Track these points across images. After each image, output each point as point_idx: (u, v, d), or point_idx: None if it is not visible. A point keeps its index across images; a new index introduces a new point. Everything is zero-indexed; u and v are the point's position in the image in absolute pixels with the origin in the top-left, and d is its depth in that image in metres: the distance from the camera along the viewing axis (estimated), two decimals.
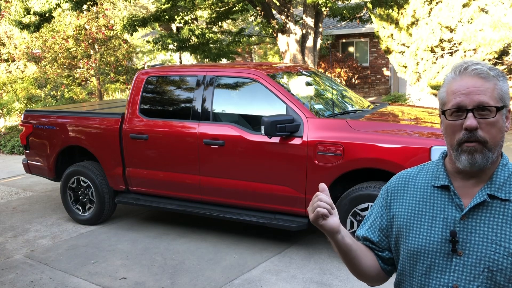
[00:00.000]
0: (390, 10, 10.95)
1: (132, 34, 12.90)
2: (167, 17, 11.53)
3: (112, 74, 15.15)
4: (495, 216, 1.23)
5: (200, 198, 4.69)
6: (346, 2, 11.55)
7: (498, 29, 9.19)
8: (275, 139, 4.17)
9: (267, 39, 17.01)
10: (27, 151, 5.81)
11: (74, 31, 14.42)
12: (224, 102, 4.71)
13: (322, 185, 1.31)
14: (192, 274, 4.04)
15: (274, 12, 11.06)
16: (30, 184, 7.44)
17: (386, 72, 17.73)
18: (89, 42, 14.65)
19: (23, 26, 9.31)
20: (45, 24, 10.01)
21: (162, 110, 4.96)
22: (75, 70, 15.39)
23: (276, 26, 10.73)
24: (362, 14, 12.53)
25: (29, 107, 13.56)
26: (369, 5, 10.88)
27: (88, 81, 16.80)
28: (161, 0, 12.07)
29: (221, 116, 4.63)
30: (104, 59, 14.77)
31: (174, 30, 15.40)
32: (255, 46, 20.02)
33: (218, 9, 12.48)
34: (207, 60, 12.93)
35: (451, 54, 10.38)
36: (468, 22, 9.77)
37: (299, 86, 4.80)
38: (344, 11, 12.15)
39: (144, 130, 4.84)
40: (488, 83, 1.22)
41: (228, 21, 19.22)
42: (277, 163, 4.21)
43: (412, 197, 1.36)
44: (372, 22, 12.20)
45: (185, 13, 11.92)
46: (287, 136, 4.12)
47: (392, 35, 11.33)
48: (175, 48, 12.34)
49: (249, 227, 5.01)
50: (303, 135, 4.08)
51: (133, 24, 11.29)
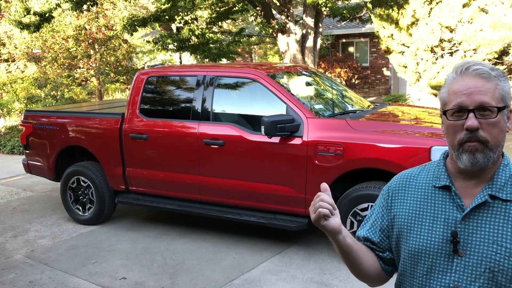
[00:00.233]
0: (390, 10, 10.95)
1: (132, 34, 12.90)
2: (167, 17, 11.53)
3: (112, 74, 15.15)
4: (496, 217, 1.22)
5: (200, 198, 4.69)
6: (346, 2, 11.55)
7: (498, 29, 9.19)
8: (275, 139, 4.17)
9: (267, 39, 17.01)
10: (27, 151, 5.81)
11: (74, 31, 14.41)
12: (224, 102, 4.71)
13: (324, 185, 1.31)
14: (192, 274, 4.04)
15: (274, 12, 11.05)
16: (30, 184, 7.44)
17: (386, 72, 17.73)
18: (89, 42, 14.64)
19: (23, 26, 9.31)
20: (45, 24, 10.01)
21: (162, 110, 4.95)
22: (75, 70, 15.39)
23: (276, 26, 10.73)
24: (362, 14, 12.53)
25: (29, 107, 13.56)
26: (369, 5, 10.88)
27: (88, 81, 16.80)
28: (161, 0, 12.07)
29: (221, 116, 4.63)
30: (104, 59, 14.77)
31: (174, 30, 15.39)
32: (255, 46, 20.02)
33: (218, 9, 12.48)
34: (207, 60, 12.93)
35: (451, 54, 10.38)
36: (468, 22, 9.77)
37: (299, 86, 4.80)
38: (344, 11, 12.15)
39: (144, 130, 4.84)
40: (490, 83, 1.22)
41: (228, 21, 19.22)
42: (277, 163, 4.21)
43: (413, 198, 1.36)
44: (372, 22, 12.20)
45: (185, 13, 11.92)
46: (287, 136, 4.12)
47: (392, 35, 11.33)
48: (175, 48, 12.34)
49: (249, 227, 5.00)
50: (303, 135, 4.08)
51: (133, 24, 11.29)
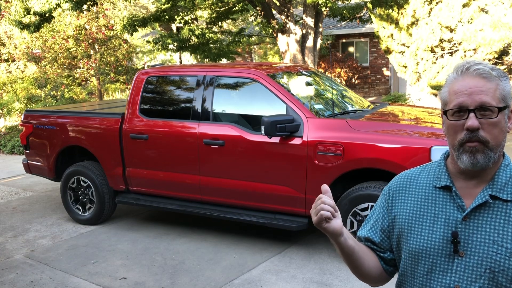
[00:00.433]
0: (390, 10, 10.95)
1: (132, 34, 12.90)
2: (167, 17, 11.52)
3: (112, 74, 15.15)
4: (497, 217, 1.22)
5: (200, 198, 4.69)
6: (346, 2, 11.55)
7: (498, 29, 9.19)
8: (275, 139, 4.17)
9: (267, 39, 17.01)
10: (27, 151, 5.81)
11: (74, 31, 14.41)
12: (224, 102, 4.71)
13: (325, 187, 1.30)
14: (192, 274, 4.04)
15: (274, 12, 11.05)
16: (30, 184, 7.43)
17: (386, 72, 17.73)
18: (89, 42, 14.64)
19: (23, 26, 9.31)
20: (45, 24, 10.01)
21: (162, 110, 4.95)
22: (75, 70, 15.38)
23: (276, 26, 10.73)
24: (362, 14, 12.53)
25: (29, 107, 13.57)
26: (369, 5, 10.88)
27: (88, 81, 16.80)
28: (161, 0, 12.07)
29: (221, 116, 4.62)
30: (104, 59, 14.77)
31: (174, 30, 15.39)
32: (255, 46, 20.02)
33: (218, 9, 12.47)
34: (207, 60, 12.93)
35: (451, 54, 10.38)
36: (468, 22, 9.77)
37: (299, 86, 4.80)
38: (344, 11, 12.14)
39: (144, 130, 4.84)
40: (490, 83, 1.21)
41: (228, 21, 19.22)
42: (277, 163, 4.21)
43: (414, 198, 1.36)
44: (372, 22, 12.19)
45: (185, 13, 11.92)
46: (287, 136, 4.12)
47: (392, 35, 11.33)
48: (175, 48, 12.34)
49: (249, 227, 5.00)
50: (303, 135, 4.07)
51: (133, 24, 11.28)
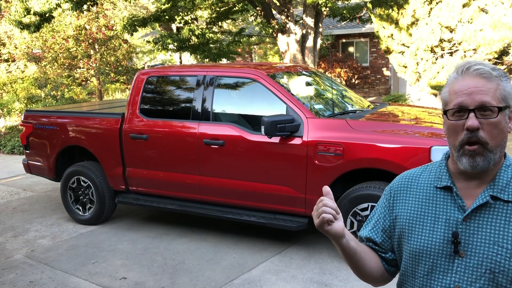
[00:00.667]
0: (390, 10, 10.95)
1: (132, 34, 12.89)
2: (167, 17, 11.52)
3: (112, 74, 15.15)
4: (498, 218, 1.22)
5: (200, 198, 4.69)
6: (346, 2, 11.54)
7: (498, 29, 9.19)
8: (275, 139, 4.17)
9: (267, 39, 17.00)
10: (27, 151, 5.81)
11: (74, 31, 14.41)
12: (224, 102, 4.71)
13: (326, 189, 1.30)
14: (192, 274, 4.04)
15: (274, 12, 11.05)
16: (30, 184, 7.43)
17: (386, 72, 17.73)
18: (89, 42, 14.64)
19: (23, 26, 9.31)
20: (45, 24, 10.00)
21: (162, 110, 4.95)
22: (75, 70, 15.38)
23: (276, 26, 10.73)
24: (362, 14, 12.52)
25: (29, 107, 13.57)
26: (369, 5, 10.88)
27: (88, 81, 16.80)
28: (161, 0, 12.07)
29: (221, 116, 4.62)
30: (104, 59, 14.77)
31: (174, 30, 15.39)
32: (255, 46, 20.02)
33: (218, 9, 12.47)
34: (207, 60, 12.92)
35: (451, 54, 10.38)
36: (468, 22, 9.77)
37: (299, 86, 4.80)
38: (344, 11, 12.14)
39: (144, 130, 4.84)
40: (491, 83, 1.21)
41: (228, 21, 19.22)
42: (277, 163, 4.21)
43: (415, 198, 1.36)
44: (372, 22, 12.20)
45: (185, 13, 11.92)
46: (287, 136, 4.12)
47: (392, 35, 11.33)
48: (175, 48, 12.33)
49: (249, 227, 5.00)
50: (303, 135, 4.07)
51: (133, 24, 11.28)
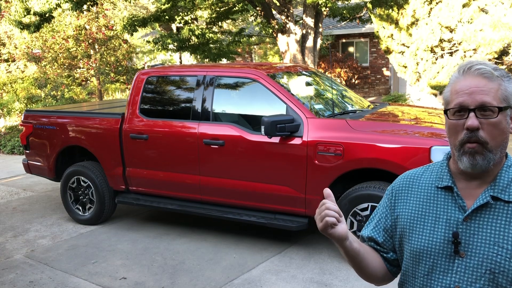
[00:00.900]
0: (390, 10, 10.95)
1: (132, 34, 12.89)
2: (167, 17, 11.52)
3: (112, 74, 15.14)
4: (498, 218, 1.22)
5: (200, 198, 4.69)
6: (346, 2, 11.54)
7: (498, 29, 9.20)
8: (275, 139, 4.17)
9: (267, 39, 17.00)
10: (27, 151, 5.81)
11: (74, 31, 14.41)
12: (224, 102, 4.71)
13: (327, 191, 1.30)
14: (192, 274, 4.04)
15: (274, 12, 11.05)
16: (30, 184, 7.44)
17: (386, 72, 17.73)
18: (89, 42, 14.64)
19: (23, 26, 9.31)
20: (45, 24, 10.01)
21: (162, 110, 4.95)
22: (75, 70, 15.38)
23: (276, 26, 10.73)
24: (362, 14, 12.53)
25: (29, 107, 13.57)
26: (369, 5, 10.88)
27: (88, 81, 16.80)
28: (161, 0, 12.07)
29: (221, 116, 4.63)
30: (104, 59, 14.77)
31: (174, 30, 15.39)
32: (255, 46, 20.02)
33: (218, 9, 12.47)
34: (207, 60, 12.93)
35: (451, 54, 10.39)
36: (468, 22, 9.77)
37: (299, 86, 4.80)
38: (344, 11, 12.14)
39: (144, 130, 4.84)
40: (492, 83, 1.21)
41: (228, 21, 19.22)
42: (277, 163, 4.21)
43: (416, 198, 1.36)
44: (372, 22, 12.19)
45: (185, 13, 11.92)
46: (287, 136, 4.12)
47: (392, 35, 11.33)
48: (175, 48, 12.33)
49: (249, 227, 5.00)
50: (303, 135, 4.07)
51: (133, 24, 11.28)
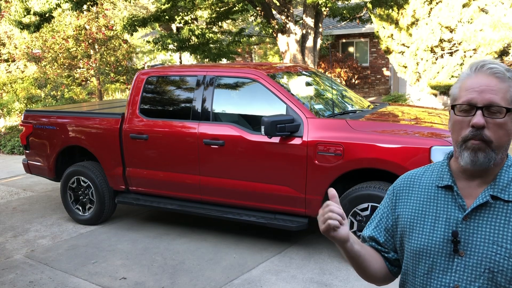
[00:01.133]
0: (390, 10, 10.95)
1: (132, 34, 12.90)
2: (167, 17, 11.52)
3: (112, 74, 15.14)
4: (498, 217, 1.22)
5: (200, 198, 4.69)
6: (346, 2, 11.54)
7: (498, 29, 9.20)
8: (275, 139, 4.17)
9: (267, 39, 17.01)
10: (27, 151, 5.81)
11: (74, 31, 14.41)
12: (224, 102, 4.71)
13: (332, 191, 1.29)
14: (192, 274, 4.04)
15: (274, 12, 11.05)
16: (30, 184, 7.44)
17: (386, 72, 17.73)
18: (89, 42, 14.64)
19: (23, 26, 9.31)
20: (45, 24, 10.00)
21: (162, 110, 4.95)
22: (75, 70, 15.38)
23: (276, 26, 10.73)
24: (362, 14, 12.52)
25: (29, 107, 13.57)
26: (369, 5, 10.88)
27: (88, 81, 16.80)
28: (161, 0, 12.07)
29: (221, 116, 4.63)
30: (104, 59, 14.77)
31: (174, 30, 15.39)
32: (255, 46, 20.02)
33: (218, 9, 12.47)
34: (207, 60, 12.93)
35: (451, 54, 10.39)
36: (468, 22, 9.77)
37: (299, 86, 4.80)
38: (344, 11, 12.14)
39: (144, 130, 4.84)
40: (503, 84, 1.21)
41: (228, 21, 19.22)
42: (277, 163, 4.21)
43: (417, 197, 1.37)
44: (372, 22, 12.20)
45: (185, 13, 11.92)
46: (287, 136, 4.12)
47: (392, 35, 11.34)
48: (175, 48, 12.33)
49: (249, 227, 5.00)
50: (303, 135, 4.07)
51: (133, 24, 11.28)
